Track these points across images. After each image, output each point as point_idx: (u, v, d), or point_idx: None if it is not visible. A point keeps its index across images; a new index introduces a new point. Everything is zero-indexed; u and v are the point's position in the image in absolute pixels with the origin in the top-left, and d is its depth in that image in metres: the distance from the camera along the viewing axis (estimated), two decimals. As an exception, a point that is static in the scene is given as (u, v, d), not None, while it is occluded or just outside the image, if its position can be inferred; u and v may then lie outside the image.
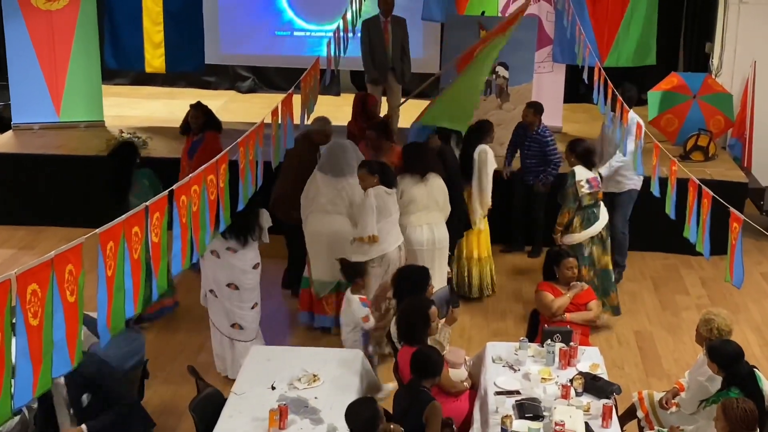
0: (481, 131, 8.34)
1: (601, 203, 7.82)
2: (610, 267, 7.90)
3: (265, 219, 6.82)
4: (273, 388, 5.57)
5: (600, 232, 7.75)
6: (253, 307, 6.90)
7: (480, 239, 8.26)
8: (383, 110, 10.52)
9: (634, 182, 8.44)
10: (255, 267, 6.83)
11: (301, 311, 7.77)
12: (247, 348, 6.67)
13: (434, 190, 7.48)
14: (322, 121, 8.11)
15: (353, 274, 6.72)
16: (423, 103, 12.65)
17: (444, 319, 6.15)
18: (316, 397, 5.48)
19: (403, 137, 9.06)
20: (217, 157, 4.60)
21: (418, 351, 5.25)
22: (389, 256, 7.05)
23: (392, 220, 7.12)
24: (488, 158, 8.16)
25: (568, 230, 7.76)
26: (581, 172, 7.72)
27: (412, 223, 7.39)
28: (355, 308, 6.56)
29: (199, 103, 8.75)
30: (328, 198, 7.37)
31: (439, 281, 7.36)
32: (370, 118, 8.87)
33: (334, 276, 7.44)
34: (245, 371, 5.82)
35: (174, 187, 4.07)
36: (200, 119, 8.53)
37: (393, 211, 7.11)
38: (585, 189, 7.68)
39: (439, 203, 7.52)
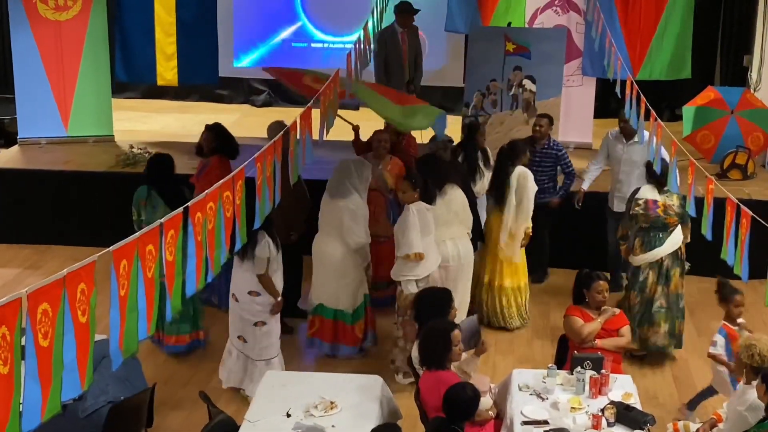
0: (515, 152, 8.22)
1: (676, 231, 7.69)
2: (658, 303, 7.78)
3: (262, 247, 6.66)
4: (288, 415, 5.59)
5: (662, 260, 7.70)
6: (257, 324, 6.87)
7: (519, 268, 8.23)
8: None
9: None
10: (250, 294, 6.81)
11: (311, 338, 7.81)
12: (252, 363, 6.79)
13: (453, 203, 7.55)
14: (277, 124, 8.11)
15: (725, 294, 6.80)
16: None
17: (473, 350, 6.14)
18: (333, 426, 5.49)
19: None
20: (234, 173, 4.63)
21: (450, 391, 5.21)
22: (433, 276, 7.11)
23: (432, 238, 7.19)
24: (528, 182, 8.09)
25: (631, 249, 7.81)
26: (645, 192, 7.70)
27: (435, 238, 7.43)
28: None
29: (213, 126, 8.58)
30: (325, 219, 7.52)
31: (464, 299, 7.54)
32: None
33: (317, 297, 7.60)
34: (259, 397, 5.84)
35: (189, 203, 4.10)
36: (212, 143, 8.41)
37: (433, 228, 7.18)
38: (639, 209, 7.66)
39: (459, 216, 7.59)
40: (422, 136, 10.55)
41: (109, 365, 5.42)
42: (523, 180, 8.06)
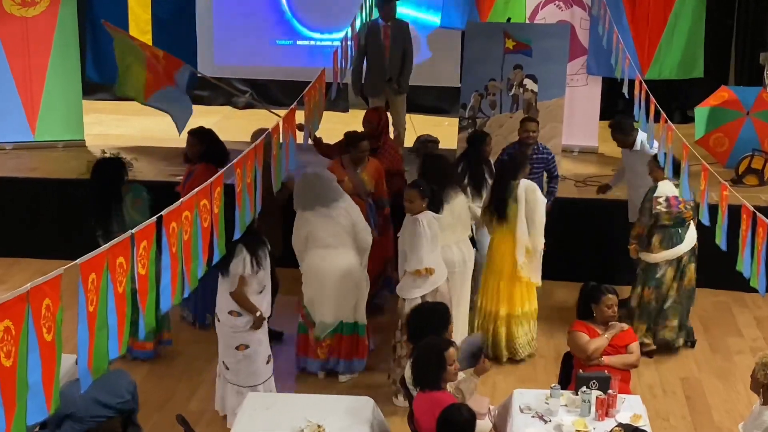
0: (517, 164, 8.09)
1: (691, 225, 7.96)
2: (671, 300, 8.06)
3: (236, 262, 6.58)
4: (272, 440, 5.58)
5: (681, 256, 7.95)
6: (238, 348, 6.80)
7: (533, 291, 8.10)
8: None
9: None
10: (231, 314, 6.75)
11: (299, 356, 7.82)
12: (237, 391, 6.72)
13: (456, 206, 7.64)
14: (262, 131, 8.18)
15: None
16: (436, 119, 12.79)
17: (473, 369, 6.14)
18: (321, 451, 5.49)
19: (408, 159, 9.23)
20: (211, 179, 4.62)
21: (444, 413, 5.20)
22: (440, 290, 7.12)
23: (439, 250, 7.24)
24: (538, 195, 7.98)
25: (648, 246, 8.01)
26: (663, 189, 7.82)
27: (441, 244, 7.46)
28: None
29: (198, 130, 8.54)
30: (327, 231, 7.46)
31: (467, 307, 7.76)
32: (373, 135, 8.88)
33: (337, 316, 7.57)
34: (241, 421, 5.83)
35: (163, 212, 4.09)
36: (197, 148, 8.36)
37: (439, 239, 7.22)
38: (661, 207, 7.85)
39: (462, 219, 7.73)
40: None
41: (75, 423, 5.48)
42: (532, 194, 7.95)
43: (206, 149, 8.34)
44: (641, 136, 8.58)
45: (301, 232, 7.56)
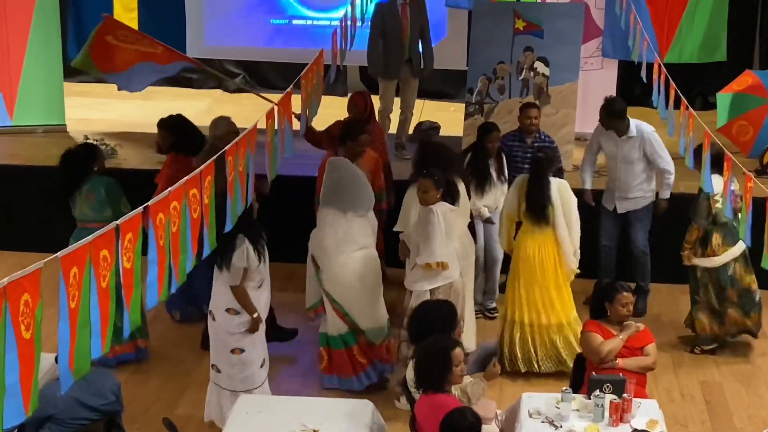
0: (552, 159, 8.05)
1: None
2: (754, 286, 8.21)
3: (239, 254, 6.56)
4: (265, 445, 5.59)
5: (744, 249, 8.04)
6: (233, 351, 6.77)
7: (569, 297, 8.04)
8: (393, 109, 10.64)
9: (651, 195, 8.81)
10: (228, 312, 6.72)
11: (327, 375, 7.62)
12: (232, 394, 6.70)
13: (462, 197, 7.65)
14: (226, 121, 8.24)
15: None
16: (441, 105, 12.78)
17: (482, 373, 6.14)
18: (316, 457, 5.50)
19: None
20: (201, 168, 4.61)
21: (448, 417, 5.20)
22: (456, 286, 7.14)
23: (453, 243, 7.25)
24: (571, 193, 7.98)
25: (705, 250, 8.13)
26: (718, 184, 7.70)
27: None
28: None
29: (165, 121, 8.51)
30: (362, 232, 7.44)
31: (469, 300, 7.78)
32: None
33: (385, 316, 7.54)
34: (232, 425, 5.83)
35: (149, 203, 4.08)
36: (167, 139, 8.37)
37: (454, 232, 7.25)
38: (721, 204, 7.80)
39: (465, 211, 7.78)
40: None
41: None
42: (566, 191, 7.94)
43: (177, 140, 8.33)
44: (635, 121, 8.65)
45: (336, 232, 7.35)
